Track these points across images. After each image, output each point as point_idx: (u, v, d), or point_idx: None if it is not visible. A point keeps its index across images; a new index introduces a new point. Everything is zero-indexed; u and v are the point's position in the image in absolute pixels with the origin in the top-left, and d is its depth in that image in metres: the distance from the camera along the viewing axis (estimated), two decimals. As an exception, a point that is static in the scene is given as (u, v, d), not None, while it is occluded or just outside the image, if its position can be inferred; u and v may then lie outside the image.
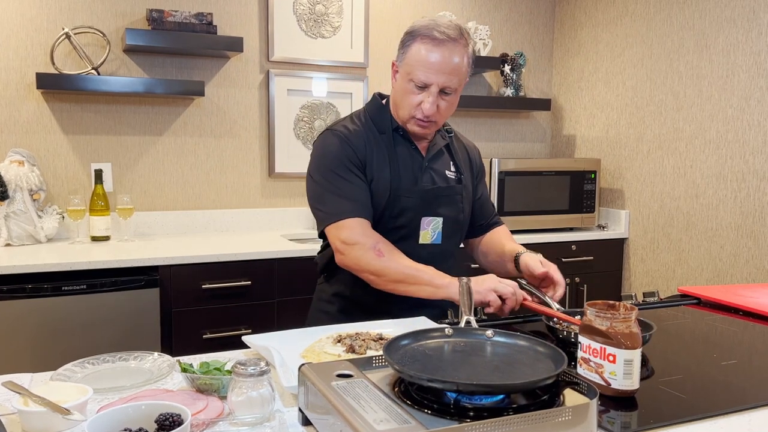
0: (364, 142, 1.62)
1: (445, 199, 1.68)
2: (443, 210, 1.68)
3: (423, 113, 1.55)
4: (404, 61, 1.56)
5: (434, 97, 1.54)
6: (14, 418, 0.98)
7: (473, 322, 1.27)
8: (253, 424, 0.96)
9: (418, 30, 1.54)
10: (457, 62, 1.53)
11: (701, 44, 2.95)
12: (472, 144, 1.87)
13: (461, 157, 1.78)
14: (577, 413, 0.84)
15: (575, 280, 3.22)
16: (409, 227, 1.65)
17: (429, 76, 1.52)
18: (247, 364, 0.97)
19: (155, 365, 1.21)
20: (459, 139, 1.83)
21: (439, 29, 1.52)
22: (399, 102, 1.60)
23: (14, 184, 2.57)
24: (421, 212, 1.65)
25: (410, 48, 1.55)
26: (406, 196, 1.62)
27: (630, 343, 1.03)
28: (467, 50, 1.56)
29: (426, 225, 1.67)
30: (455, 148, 1.77)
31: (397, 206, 1.62)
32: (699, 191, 2.98)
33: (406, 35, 1.59)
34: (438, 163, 1.71)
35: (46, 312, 2.24)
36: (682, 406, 1.04)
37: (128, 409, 0.87)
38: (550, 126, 3.87)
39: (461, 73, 1.55)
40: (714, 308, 1.69)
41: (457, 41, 1.53)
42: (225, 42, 2.83)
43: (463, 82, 1.58)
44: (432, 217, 1.67)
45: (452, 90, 1.56)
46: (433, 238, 1.68)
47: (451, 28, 1.53)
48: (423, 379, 0.87)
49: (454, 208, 1.70)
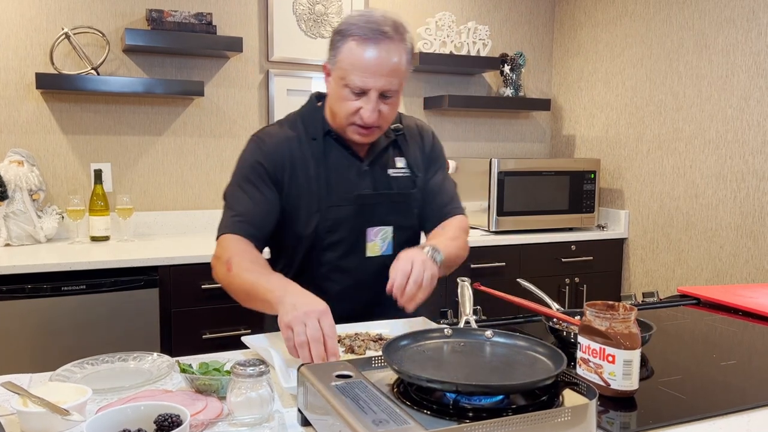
0: (285, 150, 1.47)
1: (394, 205, 1.53)
2: (393, 217, 1.53)
3: (363, 120, 1.40)
4: (336, 64, 1.40)
5: (374, 104, 1.38)
6: (13, 418, 0.98)
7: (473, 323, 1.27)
8: (252, 424, 0.96)
9: (349, 28, 1.38)
10: (395, 62, 1.37)
11: (701, 44, 2.95)
12: (426, 126, 1.67)
13: (414, 153, 1.60)
14: (576, 414, 0.84)
15: (575, 280, 3.22)
16: (350, 240, 1.50)
17: (366, 81, 1.37)
18: (246, 365, 0.97)
19: (154, 366, 1.21)
20: (410, 127, 1.63)
21: (372, 26, 1.36)
22: (335, 108, 1.45)
23: (14, 184, 2.57)
24: (363, 223, 1.50)
25: (341, 49, 1.38)
26: (339, 206, 1.47)
27: (629, 343, 1.03)
28: (405, 46, 1.41)
29: (373, 236, 1.51)
30: (405, 144, 1.59)
31: (329, 218, 1.47)
32: (698, 191, 2.98)
33: (335, 34, 1.41)
34: (381, 166, 1.54)
35: (46, 312, 2.24)
36: (682, 406, 1.04)
37: (127, 409, 0.87)
38: (549, 126, 3.87)
39: (401, 73, 1.40)
40: (713, 308, 1.69)
41: (393, 38, 1.37)
42: (224, 42, 2.83)
43: (404, 82, 1.44)
44: (379, 227, 1.52)
45: (393, 92, 1.41)
46: (384, 250, 1.53)
47: (386, 23, 1.37)
48: (422, 379, 0.87)
49: (406, 216, 1.55)
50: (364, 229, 1.50)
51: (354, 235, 1.50)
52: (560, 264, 3.17)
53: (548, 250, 3.15)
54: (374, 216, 1.51)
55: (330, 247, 1.49)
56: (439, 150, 1.66)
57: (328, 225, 1.47)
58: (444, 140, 3.56)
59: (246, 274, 1.32)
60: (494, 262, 3.02)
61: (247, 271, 1.33)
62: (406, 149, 1.58)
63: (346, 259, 1.50)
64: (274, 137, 1.50)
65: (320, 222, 1.47)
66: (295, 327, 1.13)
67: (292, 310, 1.15)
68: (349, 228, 1.49)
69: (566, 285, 3.19)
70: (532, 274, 3.04)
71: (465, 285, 1.35)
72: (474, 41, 3.40)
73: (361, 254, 1.51)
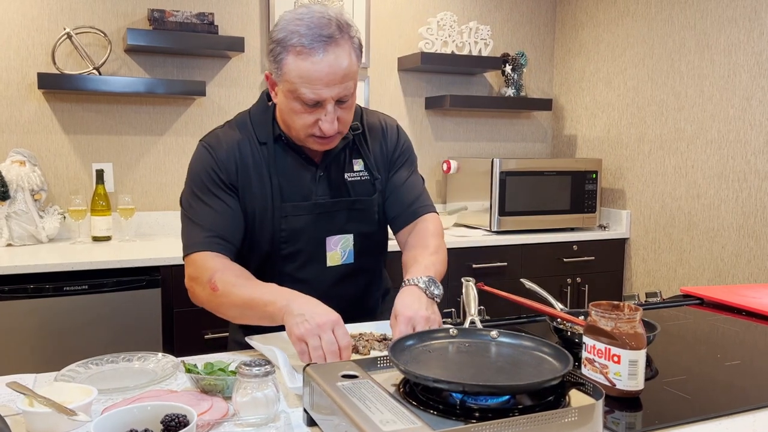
0: (236, 154, 1.38)
1: (353, 213, 1.45)
2: (352, 225, 1.45)
3: (323, 132, 1.30)
4: (282, 77, 1.28)
5: (332, 114, 1.29)
6: (19, 418, 0.98)
7: (478, 323, 1.27)
8: (258, 424, 0.96)
9: (290, 36, 1.24)
10: (346, 65, 1.26)
11: (702, 44, 2.95)
12: (390, 121, 1.55)
13: (375, 151, 1.50)
14: (583, 414, 0.84)
15: (576, 280, 3.22)
16: (308, 251, 1.42)
17: (320, 93, 1.25)
18: (252, 365, 0.97)
19: (159, 366, 1.21)
20: (372, 124, 1.52)
21: (315, 31, 1.23)
22: (288, 120, 1.34)
23: (15, 184, 2.57)
24: (322, 232, 1.42)
25: (285, 62, 1.26)
26: (294, 215, 1.39)
27: (635, 343, 1.03)
28: (353, 42, 1.29)
29: (333, 245, 1.44)
30: (365, 144, 1.48)
31: (285, 228, 1.39)
32: (700, 191, 2.98)
33: (273, 43, 1.28)
34: (337, 170, 1.45)
35: (48, 312, 2.24)
36: (687, 406, 1.04)
37: (134, 409, 0.87)
38: (551, 126, 3.87)
39: (353, 72, 1.29)
40: (717, 308, 1.69)
41: (339, 39, 1.26)
42: (226, 42, 2.83)
43: (357, 78, 1.32)
44: (339, 236, 1.44)
45: (349, 96, 1.31)
46: (344, 258, 1.45)
47: (328, 23, 1.25)
48: (429, 380, 0.87)
49: (367, 222, 1.47)
50: (323, 239, 1.43)
51: (312, 244, 1.42)
52: (562, 264, 3.17)
53: (550, 250, 3.15)
54: (333, 224, 1.43)
55: (288, 257, 1.42)
56: (404, 145, 1.55)
57: (284, 235, 1.40)
58: (445, 140, 3.57)
59: (236, 290, 1.27)
60: (496, 262, 3.02)
61: (236, 286, 1.28)
62: (364, 150, 1.48)
63: (305, 270, 1.43)
64: (224, 141, 1.40)
65: (276, 232, 1.39)
66: (310, 341, 1.12)
67: (304, 323, 1.13)
68: (307, 238, 1.41)
69: (568, 285, 3.19)
70: (534, 274, 3.04)
71: (470, 285, 1.35)
72: (475, 41, 3.40)
73: (320, 264, 1.44)
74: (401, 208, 1.51)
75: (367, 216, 1.47)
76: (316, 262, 1.44)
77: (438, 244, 1.46)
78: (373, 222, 1.49)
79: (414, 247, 1.45)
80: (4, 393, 1.08)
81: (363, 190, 1.47)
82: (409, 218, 1.51)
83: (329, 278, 1.44)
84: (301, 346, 1.13)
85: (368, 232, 1.48)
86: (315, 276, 1.43)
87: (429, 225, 1.50)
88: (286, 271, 1.43)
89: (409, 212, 1.51)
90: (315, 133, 1.32)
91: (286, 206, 1.39)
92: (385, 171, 1.51)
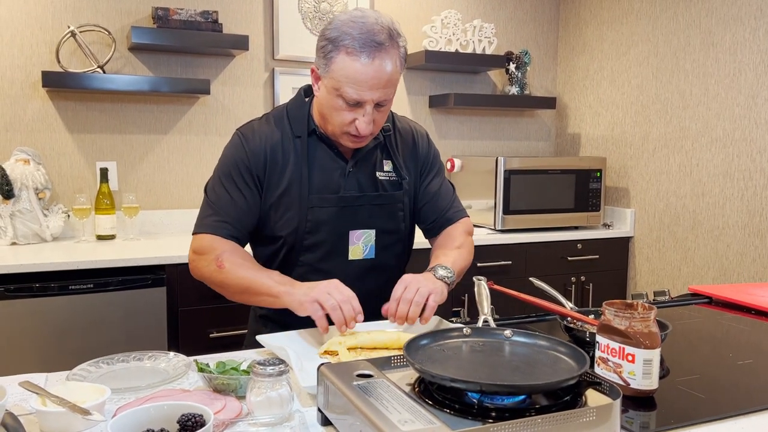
0: (267, 148, 1.44)
1: (377, 208, 1.49)
2: (376, 221, 1.49)
3: (358, 131, 1.36)
4: (329, 73, 1.33)
5: (370, 116, 1.35)
6: (32, 418, 0.97)
7: (491, 322, 1.26)
8: (272, 424, 0.96)
9: (342, 37, 1.30)
10: (390, 71, 1.32)
11: (707, 42, 2.94)
12: (420, 129, 1.62)
13: (404, 155, 1.55)
14: (601, 414, 0.83)
15: (581, 278, 3.21)
16: (331, 242, 1.46)
17: (362, 94, 1.31)
18: (266, 364, 0.97)
19: (170, 365, 1.20)
20: (403, 129, 1.58)
21: (367, 36, 1.29)
22: (327, 115, 1.39)
23: (20, 183, 2.57)
24: (346, 225, 1.46)
25: (334, 60, 1.32)
26: (321, 206, 1.44)
27: (649, 342, 1.03)
28: (400, 51, 1.35)
29: (356, 239, 1.47)
30: (395, 146, 1.54)
31: (310, 219, 1.44)
32: (705, 190, 2.97)
33: (325, 40, 1.34)
34: (367, 168, 1.49)
35: (53, 311, 2.24)
36: (702, 406, 1.03)
37: (150, 409, 0.86)
38: (555, 124, 3.86)
39: (396, 80, 1.36)
40: (725, 307, 1.69)
41: (388, 47, 1.31)
42: (230, 40, 2.82)
43: (397, 85, 1.39)
44: (362, 230, 1.48)
45: (388, 100, 1.37)
46: (366, 253, 1.49)
47: (381, 31, 1.31)
48: (446, 379, 0.86)
49: (390, 219, 1.51)
50: (346, 232, 1.47)
51: (335, 236, 1.46)
52: (566, 262, 3.16)
53: (554, 249, 3.15)
54: (357, 218, 1.47)
55: (310, 248, 1.46)
56: (435, 154, 1.62)
57: (309, 226, 1.44)
58: (449, 138, 3.57)
59: (242, 271, 1.35)
60: (500, 261, 3.01)
61: (242, 267, 1.36)
62: (394, 152, 1.53)
63: (326, 262, 1.47)
64: (257, 134, 1.46)
65: (301, 222, 1.44)
66: (321, 297, 1.24)
67: (311, 290, 1.26)
68: (330, 229, 1.45)
69: (572, 283, 3.19)
70: (538, 273, 3.03)
71: (481, 284, 1.34)
72: (479, 39, 3.40)
73: (342, 257, 1.48)
74: (436, 215, 1.59)
75: (391, 213, 1.51)
76: (337, 255, 1.47)
77: (463, 240, 1.54)
78: (397, 219, 1.53)
79: (440, 245, 1.55)
80: (16, 392, 1.07)
81: (390, 188, 1.52)
82: (443, 225, 1.59)
83: (350, 272, 1.47)
84: (314, 306, 1.25)
85: (391, 229, 1.52)
86: (335, 268, 1.46)
87: (459, 225, 1.59)
88: (308, 261, 1.47)
89: (444, 219, 1.59)
90: (350, 131, 1.37)
91: (313, 198, 1.44)
92: (414, 176, 1.57)
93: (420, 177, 1.58)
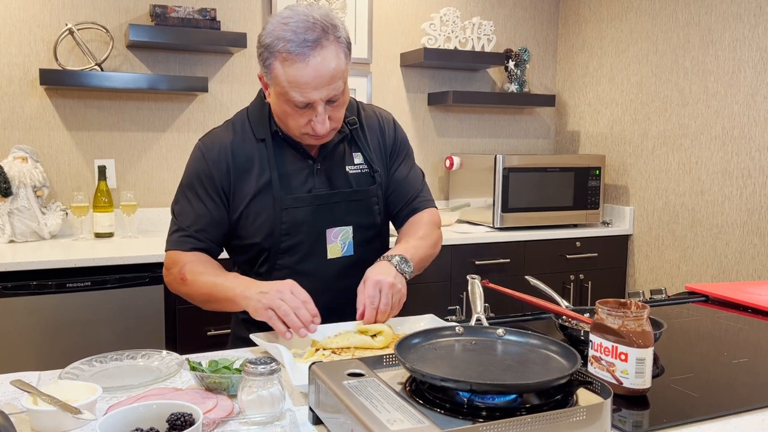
0: (228, 156, 1.41)
1: (353, 204, 1.47)
2: (352, 217, 1.46)
3: (315, 132, 1.34)
4: (272, 80, 1.31)
5: (323, 115, 1.31)
6: (23, 417, 0.97)
7: (484, 321, 1.26)
8: (263, 423, 0.96)
9: (275, 44, 1.26)
10: (333, 67, 1.27)
11: (707, 40, 2.93)
12: (386, 115, 1.57)
13: (373, 145, 1.52)
14: (591, 413, 0.83)
15: (579, 276, 3.21)
16: (309, 243, 1.44)
17: (308, 95, 1.28)
18: (257, 363, 0.97)
19: (163, 363, 1.20)
20: (368, 117, 1.54)
21: (300, 36, 1.25)
22: (283, 120, 1.37)
23: (18, 181, 2.57)
24: (322, 223, 1.44)
25: (273, 67, 1.28)
26: (295, 207, 1.41)
27: (642, 341, 1.03)
28: (340, 41, 1.29)
29: (333, 237, 1.45)
30: (362, 137, 1.50)
31: (285, 221, 1.41)
32: (704, 188, 2.97)
33: (262, 48, 1.30)
34: (336, 163, 1.47)
35: (51, 309, 2.24)
36: (695, 405, 1.03)
37: (139, 408, 0.86)
38: (554, 122, 3.86)
39: (342, 72, 1.30)
40: (722, 306, 1.68)
41: (324, 42, 1.26)
42: (228, 38, 2.82)
43: (347, 75, 1.34)
44: (339, 228, 1.46)
45: (339, 95, 1.33)
46: (344, 251, 1.47)
47: (312, 27, 1.26)
48: (436, 378, 0.86)
49: (366, 214, 1.49)
50: (323, 230, 1.44)
51: (312, 236, 1.44)
52: (565, 261, 3.16)
53: (553, 247, 3.15)
54: (333, 216, 1.45)
55: (287, 250, 1.44)
56: (402, 139, 1.58)
57: (284, 228, 1.41)
58: (448, 136, 3.56)
59: (202, 278, 1.35)
60: (498, 259, 3.01)
61: (202, 274, 1.36)
62: (363, 143, 1.50)
63: (305, 263, 1.44)
64: (218, 143, 1.43)
65: (275, 225, 1.41)
66: (274, 304, 1.21)
67: (263, 296, 1.23)
68: (306, 229, 1.43)
69: (571, 282, 3.19)
70: (537, 271, 3.03)
71: (475, 282, 1.34)
72: (478, 37, 3.39)
73: (320, 257, 1.45)
74: (402, 204, 1.55)
75: (366, 207, 1.49)
76: (316, 255, 1.45)
77: (427, 231, 1.50)
78: (373, 214, 1.50)
79: (403, 233, 1.52)
80: (8, 391, 1.07)
81: (363, 182, 1.49)
82: (409, 213, 1.55)
83: (330, 271, 1.45)
84: (268, 313, 1.22)
85: (367, 223, 1.50)
86: (315, 269, 1.45)
87: (424, 215, 1.54)
88: (287, 264, 1.45)
89: (409, 208, 1.55)
90: (309, 131, 1.35)
91: (287, 199, 1.41)
92: (383, 164, 1.53)
93: (389, 162, 1.54)
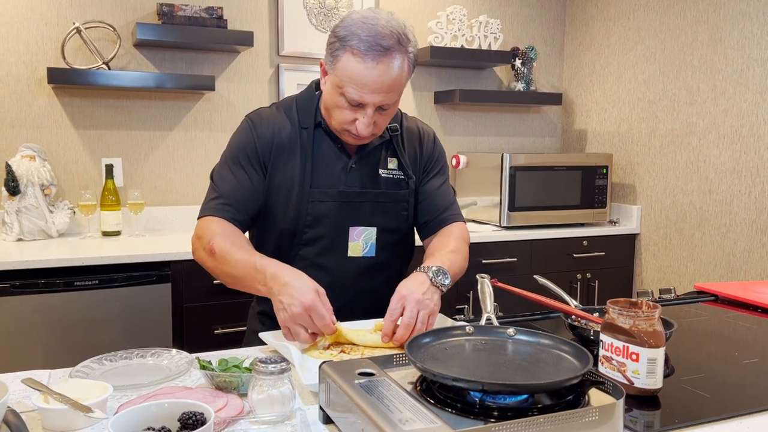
0: (274, 133, 1.44)
1: (379, 206, 1.47)
2: (377, 219, 1.47)
3: (357, 132, 1.36)
4: (334, 71, 1.33)
5: (370, 118, 1.34)
6: (34, 415, 0.97)
7: (494, 320, 1.26)
8: (274, 422, 0.96)
9: (350, 37, 1.30)
10: (396, 75, 1.31)
11: (715, 38, 2.92)
12: (427, 129, 1.61)
13: (410, 154, 1.54)
14: (604, 413, 0.83)
15: (586, 275, 3.20)
16: (330, 237, 1.45)
17: (363, 96, 1.31)
18: (267, 362, 0.96)
19: (173, 362, 1.20)
20: (410, 128, 1.57)
21: (374, 39, 1.28)
22: (330, 110, 1.39)
23: (26, 179, 2.57)
24: (346, 220, 1.45)
25: (340, 58, 1.31)
26: (321, 200, 1.43)
27: (653, 341, 1.02)
28: (408, 56, 1.34)
29: (356, 236, 1.46)
30: (401, 144, 1.53)
31: (310, 213, 1.43)
32: (712, 186, 2.95)
33: (334, 37, 1.33)
34: (370, 164, 1.48)
35: (59, 307, 2.24)
36: (707, 405, 1.03)
37: (151, 407, 0.86)
38: (561, 120, 3.84)
39: (401, 85, 1.35)
40: (731, 305, 1.68)
41: (395, 52, 1.30)
42: (235, 36, 2.82)
43: (403, 90, 1.38)
44: (363, 227, 1.46)
45: (390, 105, 1.36)
46: (365, 251, 1.47)
47: (389, 35, 1.30)
48: (448, 378, 0.86)
49: (392, 218, 1.49)
50: (346, 227, 1.45)
51: (335, 232, 1.45)
52: (572, 260, 3.15)
53: (560, 246, 3.14)
54: (358, 215, 1.46)
55: (309, 242, 1.45)
56: (440, 154, 1.60)
57: (309, 219, 1.43)
58: (454, 135, 3.56)
59: (230, 256, 1.33)
60: (505, 258, 3.00)
61: (230, 253, 1.34)
62: (400, 150, 1.52)
63: (325, 257, 1.45)
64: (266, 120, 1.47)
65: (300, 215, 1.43)
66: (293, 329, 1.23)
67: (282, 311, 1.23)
68: (330, 224, 1.44)
69: (578, 281, 3.18)
70: (544, 270, 3.02)
71: (485, 282, 1.34)
72: (485, 35, 3.38)
73: (341, 253, 1.46)
74: (431, 215, 1.55)
75: (393, 212, 1.50)
76: (336, 251, 1.46)
77: (458, 245, 1.49)
78: (399, 219, 1.51)
79: (434, 247, 1.49)
80: (18, 389, 1.07)
81: (394, 186, 1.50)
82: (437, 226, 1.55)
83: (348, 269, 1.46)
84: (285, 330, 1.25)
85: (393, 228, 1.50)
86: (334, 264, 1.45)
87: (454, 229, 1.54)
88: (306, 255, 1.46)
89: (438, 220, 1.55)
90: (351, 129, 1.37)
91: (314, 191, 1.43)
92: (417, 174, 1.55)
93: (422, 174, 1.56)
